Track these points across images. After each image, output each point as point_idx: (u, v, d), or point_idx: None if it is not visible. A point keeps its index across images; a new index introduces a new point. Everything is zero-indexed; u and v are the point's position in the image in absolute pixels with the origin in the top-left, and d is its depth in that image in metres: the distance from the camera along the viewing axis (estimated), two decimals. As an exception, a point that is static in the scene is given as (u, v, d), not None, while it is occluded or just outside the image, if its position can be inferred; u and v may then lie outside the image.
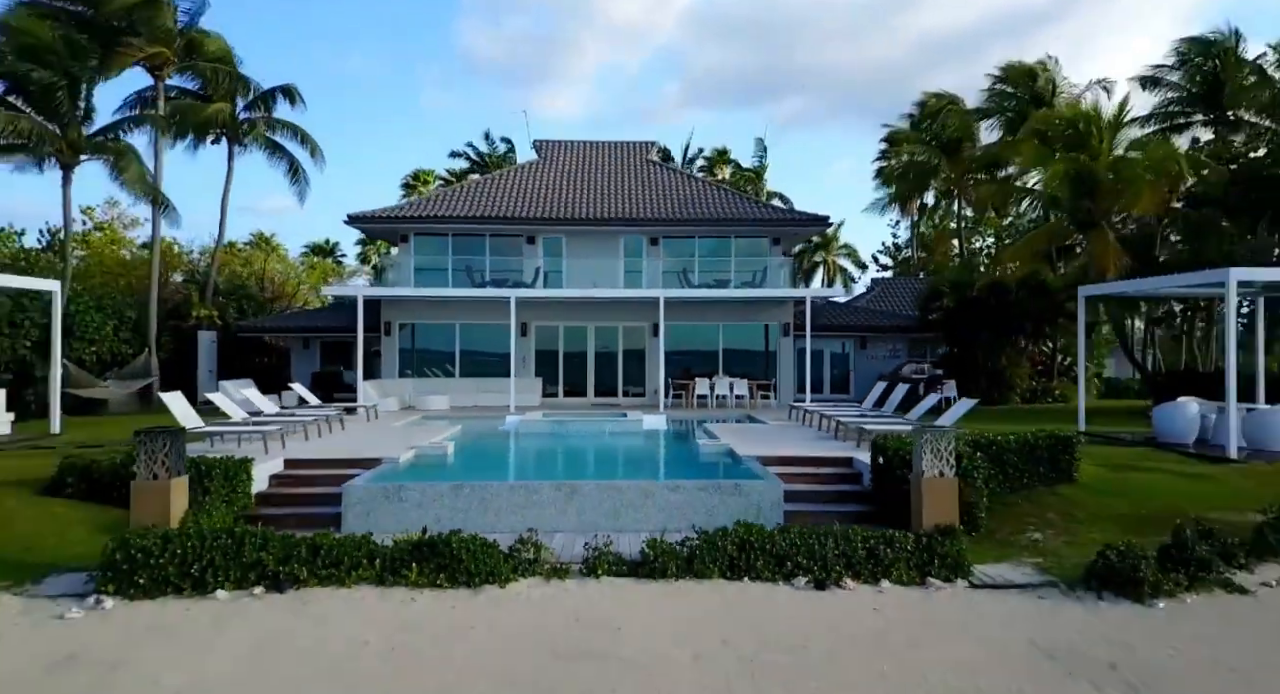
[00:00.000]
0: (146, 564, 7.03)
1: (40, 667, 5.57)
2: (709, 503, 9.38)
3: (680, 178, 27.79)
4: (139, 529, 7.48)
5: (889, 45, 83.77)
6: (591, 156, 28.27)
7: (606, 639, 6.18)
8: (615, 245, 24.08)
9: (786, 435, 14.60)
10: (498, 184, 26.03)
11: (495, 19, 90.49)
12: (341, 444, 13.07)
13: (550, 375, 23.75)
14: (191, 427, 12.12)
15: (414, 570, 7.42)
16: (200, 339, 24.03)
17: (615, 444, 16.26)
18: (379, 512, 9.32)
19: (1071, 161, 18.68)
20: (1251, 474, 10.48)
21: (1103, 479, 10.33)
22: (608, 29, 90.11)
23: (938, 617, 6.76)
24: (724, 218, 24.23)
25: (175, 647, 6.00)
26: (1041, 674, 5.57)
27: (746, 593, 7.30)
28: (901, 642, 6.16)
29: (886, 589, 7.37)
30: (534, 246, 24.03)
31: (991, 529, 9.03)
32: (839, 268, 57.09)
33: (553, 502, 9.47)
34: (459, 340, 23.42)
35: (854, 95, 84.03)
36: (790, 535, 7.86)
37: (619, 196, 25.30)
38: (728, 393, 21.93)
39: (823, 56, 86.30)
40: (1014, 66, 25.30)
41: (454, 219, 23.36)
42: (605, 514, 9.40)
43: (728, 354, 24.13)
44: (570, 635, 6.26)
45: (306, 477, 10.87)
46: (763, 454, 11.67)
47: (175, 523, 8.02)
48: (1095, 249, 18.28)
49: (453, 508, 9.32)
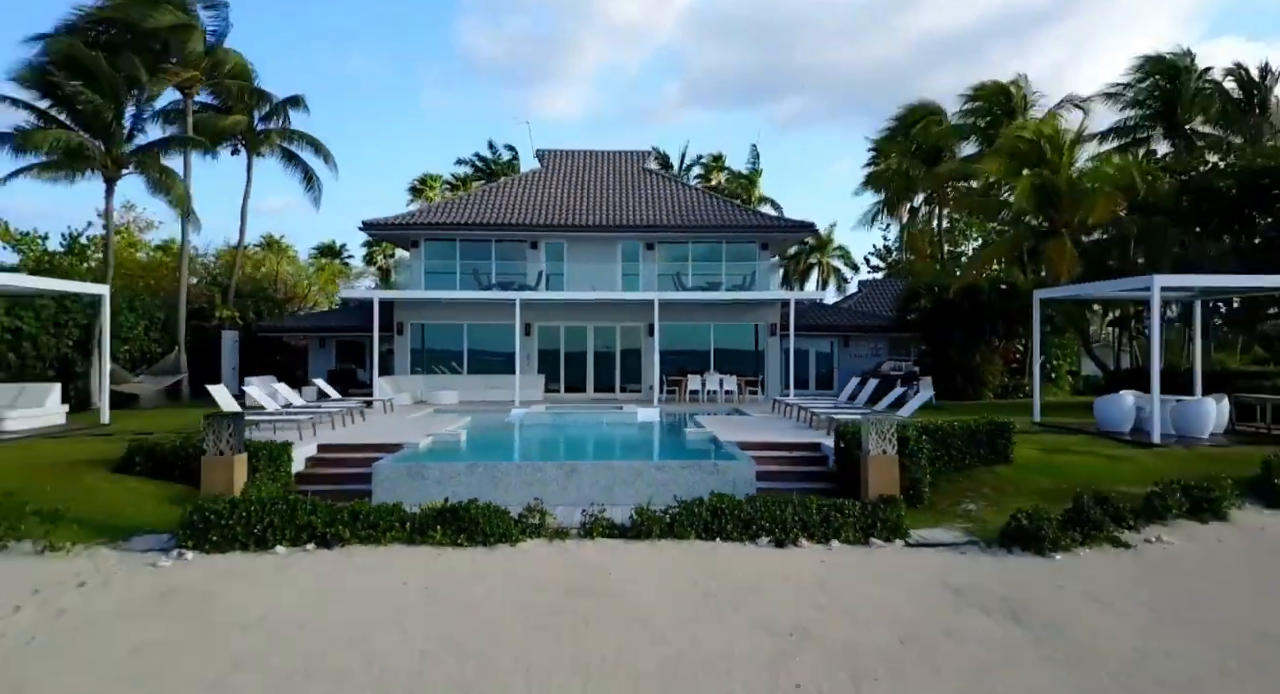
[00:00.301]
0: (218, 524, 8.40)
1: (153, 596, 6.95)
2: (690, 479, 10.72)
3: (675, 185, 29.15)
4: (209, 496, 8.85)
5: (889, 45, 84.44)
6: (591, 165, 29.62)
7: (599, 581, 7.54)
8: (613, 250, 25.44)
9: (767, 425, 15.94)
10: (503, 192, 27.39)
11: (495, 19, 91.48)
12: (364, 432, 14.42)
13: (552, 373, 25.10)
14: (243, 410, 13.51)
15: (439, 532, 8.77)
16: (224, 338, 25.40)
17: (611, 433, 17.60)
18: (403, 488, 10.65)
19: (1035, 176, 20.08)
20: (1166, 456, 11.84)
21: (1035, 460, 11.69)
22: (608, 29, 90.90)
23: (873, 567, 8.12)
24: (715, 224, 25.59)
25: (251, 586, 7.37)
26: (944, 604, 6.93)
27: (717, 550, 8.66)
28: (838, 584, 7.52)
29: (835, 548, 8.72)
30: (537, 251, 25.39)
31: (934, 501, 10.39)
32: (833, 269, 58.39)
33: (555, 479, 10.82)
34: (467, 340, 24.79)
35: (854, 95, 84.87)
36: (756, 504, 9.23)
37: (617, 204, 26.65)
38: (718, 388, 23.27)
39: (822, 56, 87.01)
40: (986, 86, 26.69)
41: (462, 225, 24.72)
42: (600, 489, 10.74)
43: (718, 352, 25.49)
44: (570, 578, 7.62)
45: (338, 458, 12.23)
46: (742, 440, 13.02)
47: (237, 492, 9.39)
48: (1053, 256, 19.68)
49: (467, 484, 10.64)
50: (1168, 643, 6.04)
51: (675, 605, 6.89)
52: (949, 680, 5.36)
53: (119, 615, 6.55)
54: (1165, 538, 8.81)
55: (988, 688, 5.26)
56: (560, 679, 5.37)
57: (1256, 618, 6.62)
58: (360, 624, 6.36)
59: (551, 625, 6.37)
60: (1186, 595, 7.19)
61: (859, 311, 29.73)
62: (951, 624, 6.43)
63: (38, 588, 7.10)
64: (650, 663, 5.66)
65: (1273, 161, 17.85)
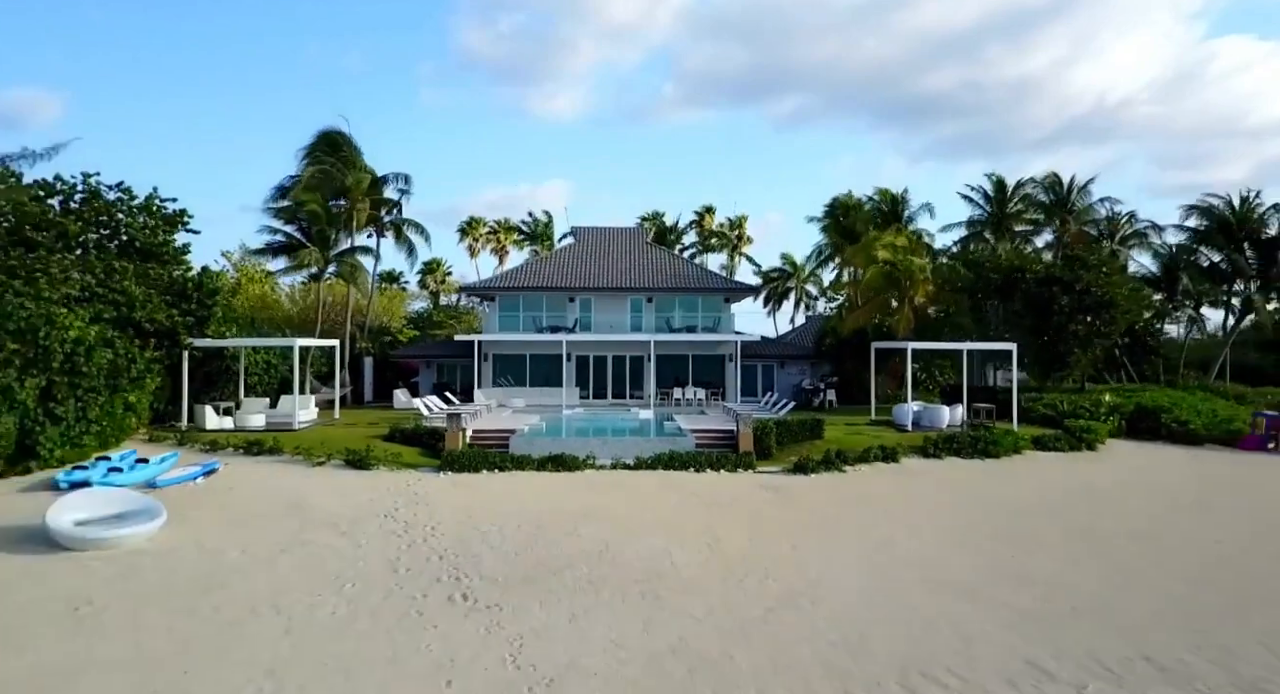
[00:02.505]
0: (458, 461, 18.59)
1: (448, 486, 17.17)
2: (664, 445, 20.79)
3: (667, 255, 39.29)
4: (450, 449, 19.08)
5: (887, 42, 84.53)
6: (609, 238, 39.77)
7: (620, 483, 17.69)
8: (624, 302, 35.52)
9: (713, 421, 25.96)
10: (550, 262, 37.59)
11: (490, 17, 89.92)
12: (489, 422, 24.57)
13: (584, 385, 35.18)
14: (411, 410, 23.78)
15: (549, 467, 18.93)
16: (365, 363, 35.67)
17: (624, 424, 27.67)
18: (524, 448, 20.73)
19: (883, 266, 30.19)
20: (906, 436, 21.89)
21: (837, 438, 21.71)
22: (602, 28, 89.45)
23: (735, 479, 18.21)
24: (693, 286, 35.66)
25: (481, 484, 17.56)
26: (755, 489, 17.05)
27: (671, 474, 18.72)
28: (719, 483, 17.62)
29: (723, 473, 18.76)
30: (573, 304, 35.50)
31: (778, 456, 20.44)
32: (806, 293, 68.04)
33: (596, 444, 20.92)
34: (528, 363, 35.00)
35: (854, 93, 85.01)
36: (693, 454, 19.38)
37: (626, 270, 36.75)
38: (692, 397, 33.27)
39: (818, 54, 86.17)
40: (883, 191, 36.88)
41: (524, 288, 34.92)
42: (620, 450, 20.81)
43: (695, 372, 35.47)
44: (608, 482, 17.78)
45: (485, 434, 22.39)
46: (694, 428, 23.06)
47: (459, 447, 19.61)
48: (897, 317, 29.77)
49: (552, 448, 20.77)
50: (838, 505, 16.16)
51: (654, 491, 17.02)
52: (745, 508, 15.46)
53: (442, 489, 16.73)
54: (864, 469, 18.94)
55: (762, 513, 15.37)
56: (617, 505, 15.54)
57: (882, 497, 16.75)
58: (522, 494, 16.53)
59: (607, 495, 16.53)
60: (857, 488, 17.30)
61: (794, 343, 39.78)
62: (755, 495, 16.52)
63: (408, 483, 17.31)
64: (647, 506, 15.83)
65: (1016, 261, 27.88)
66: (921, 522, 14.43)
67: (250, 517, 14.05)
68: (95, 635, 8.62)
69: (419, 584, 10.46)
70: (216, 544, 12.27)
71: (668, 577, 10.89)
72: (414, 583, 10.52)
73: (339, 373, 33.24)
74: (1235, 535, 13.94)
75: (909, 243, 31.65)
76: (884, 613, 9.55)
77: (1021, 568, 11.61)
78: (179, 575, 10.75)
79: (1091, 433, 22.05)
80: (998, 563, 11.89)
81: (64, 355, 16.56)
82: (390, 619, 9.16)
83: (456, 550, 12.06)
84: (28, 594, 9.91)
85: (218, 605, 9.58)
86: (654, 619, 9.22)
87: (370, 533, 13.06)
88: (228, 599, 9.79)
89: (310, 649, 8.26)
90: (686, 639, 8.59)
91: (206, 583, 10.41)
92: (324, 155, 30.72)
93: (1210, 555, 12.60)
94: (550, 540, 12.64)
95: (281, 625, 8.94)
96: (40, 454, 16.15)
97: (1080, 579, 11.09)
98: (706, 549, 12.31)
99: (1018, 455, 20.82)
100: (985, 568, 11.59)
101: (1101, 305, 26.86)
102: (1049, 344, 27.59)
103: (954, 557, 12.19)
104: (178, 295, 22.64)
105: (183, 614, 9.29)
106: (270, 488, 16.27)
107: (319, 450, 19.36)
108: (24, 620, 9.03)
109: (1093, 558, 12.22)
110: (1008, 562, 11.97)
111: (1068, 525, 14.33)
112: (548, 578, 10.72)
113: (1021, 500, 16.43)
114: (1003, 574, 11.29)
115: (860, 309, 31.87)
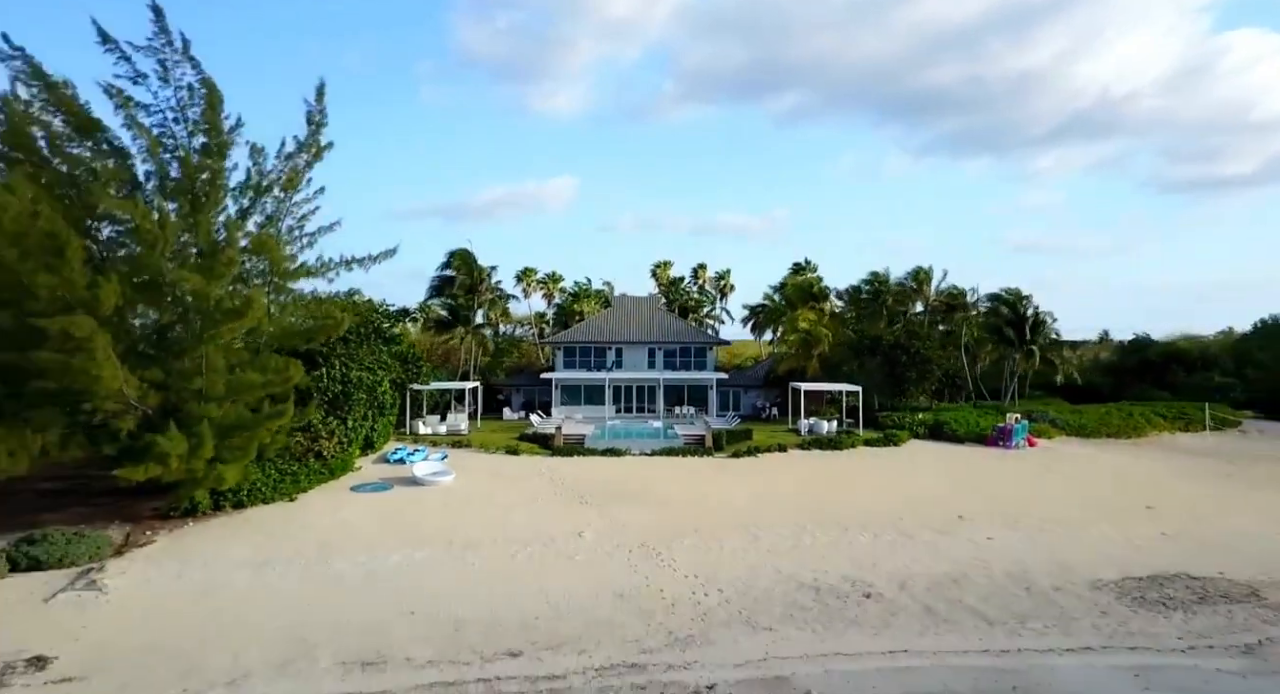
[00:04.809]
0: (560, 451, 34.44)
1: (561, 464, 33.08)
2: (665, 443, 36.49)
3: (673, 318, 55.10)
4: (557, 445, 34.97)
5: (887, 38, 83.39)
6: (635, 305, 55.67)
7: (643, 462, 33.44)
8: (644, 351, 51.31)
9: (695, 428, 41.61)
10: (598, 322, 53.51)
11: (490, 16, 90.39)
12: (569, 429, 40.35)
13: (618, 404, 50.95)
14: (518, 422, 39.79)
15: (607, 454, 34.72)
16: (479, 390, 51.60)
17: (644, 428, 43.41)
18: (593, 444, 36.53)
19: (802, 333, 45.53)
20: (798, 438, 37.46)
21: (761, 439, 37.20)
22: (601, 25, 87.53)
23: (705, 460, 33.87)
24: (688, 340, 51.36)
25: (575, 462, 33.38)
26: (714, 465, 32.80)
27: (673, 459, 34.44)
28: (696, 464, 33.33)
29: (703, 459, 34.43)
30: (611, 351, 51.30)
31: (726, 448, 36.00)
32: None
33: (628, 442, 36.71)
34: (583, 390, 50.80)
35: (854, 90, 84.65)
36: (681, 447, 35.15)
37: (645, 328, 52.46)
38: (687, 412, 48.88)
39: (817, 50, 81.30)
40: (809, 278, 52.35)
41: (580, 342, 50.84)
42: (642, 445, 36.50)
43: (689, 396, 51.19)
44: (636, 462, 33.56)
45: (569, 436, 38.19)
46: (683, 433, 38.75)
47: (560, 443, 35.44)
48: (809, 365, 45.40)
49: (606, 444, 36.48)
50: (750, 472, 31.95)
51: (661, 466, 32.75)
52: (704, 474, 31.18)
53: (557, 465, 32.53)
54: (768, 456, 34.56)
55: (713, 476, 31.14)
56: (643, 471, 31.37)
57: (771, 469, 32.56)
58: (596, 466, 32.32)
59: (637, 468, 32.31)
60: (761, 465, 32.99)
61: (753, 375, 55.41)
62: (710, 467, 32.21)
63: (539, 461, 33.21)
64: (658, 473, 31.65)
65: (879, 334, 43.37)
66: (784, 477, 30.00)
67: (478, 475, 29.98)
68: (453, 514, 24.46)
69: (568, 497, 26.23)
70: (478, 485, 28.21)
71: (669, 500, 26.53)
72: (565, 496, 26.31)
73: (469, 398, 49.63)
74: (933, 486, 29.32)
75: (818, 317, 47.22)
76: (763, 514, 25.24)
77: (817, 501, 27.20)
78: (471, 494, 26.65)
79: (898, 436, 37.45)
80: (803, 494, 27.49)
81: (379, 399, 32.69)
82: (560, 509, 24.90)
83: (576, 486, 27.87)
84: (423, 500, 25.87)
85: (496, 503, 25.44)
86: (663, 513, 24.91)
87: (536, 481, 28.91)
88: (497, 501, 25.66)
89: (533, 515, 24.05)
90: (676, 519, 24.25)
91: (485, 497, 26.27)
92: (460, 266, 46.97)
93: (900, 501, 28.01)
94: (618, 483, 28.38)
95: (525, 508, 24.76)
96: (375, 444, 32.34)
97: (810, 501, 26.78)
98: (686, 490, 27.98)
99: (854, 449, 36.25)
100: (803, 497, 27.21)
101: (925, 361, 42.30)
102: (895, 382, 43.08)
103: (791, 491, 27.80)
104: (401, 360, 38.77)
105: (480, 505, 25.14)
106: (479, 463, 32.21)
107: (490, 445, 35.36)
108: (424, 509, 24.97)
109: (840, 490, 27.84)
110: (808, 495, 27.57)
111: (842, 480, 29.88)
112: (619, 497, 26.40)
113: (836, 470, 31.93)
114: (804, 504, 26.90)
115: (789, 357, 47.48)
